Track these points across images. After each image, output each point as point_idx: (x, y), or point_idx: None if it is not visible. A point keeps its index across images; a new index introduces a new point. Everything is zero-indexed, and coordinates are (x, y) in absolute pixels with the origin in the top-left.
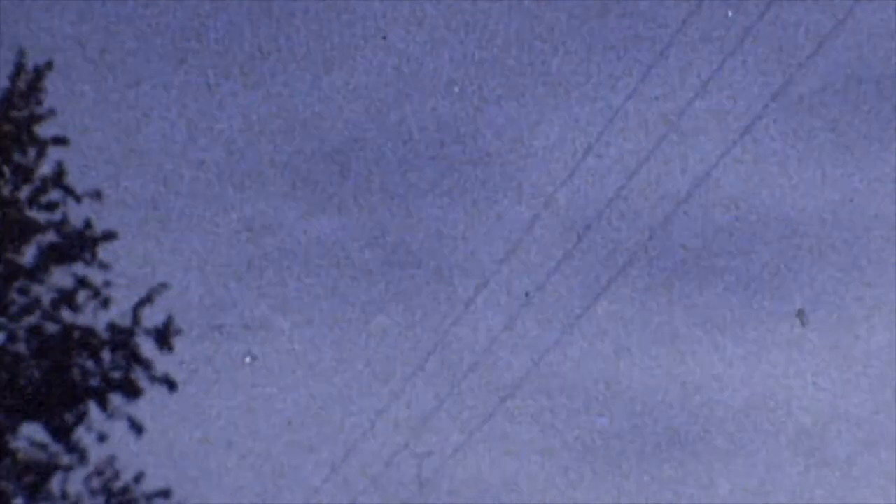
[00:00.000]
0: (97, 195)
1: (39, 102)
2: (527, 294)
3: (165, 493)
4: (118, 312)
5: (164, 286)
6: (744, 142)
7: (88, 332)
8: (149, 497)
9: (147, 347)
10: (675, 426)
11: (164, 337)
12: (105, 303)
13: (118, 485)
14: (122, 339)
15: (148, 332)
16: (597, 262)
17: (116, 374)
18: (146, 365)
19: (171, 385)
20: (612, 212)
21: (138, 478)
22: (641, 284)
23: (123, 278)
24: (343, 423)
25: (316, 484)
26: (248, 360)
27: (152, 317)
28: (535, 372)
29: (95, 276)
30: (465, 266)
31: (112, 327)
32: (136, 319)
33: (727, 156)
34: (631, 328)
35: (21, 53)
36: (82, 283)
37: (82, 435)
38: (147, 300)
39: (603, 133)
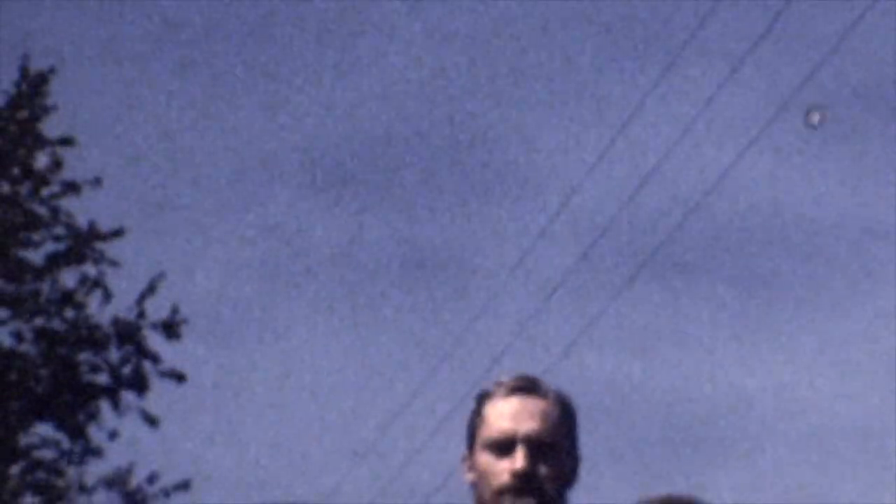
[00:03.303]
0: (97, 181)
1: (43, 106)
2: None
3: (185, 485)
4: (125, 309)
5: (163, 276)
6: (761, 144)
7: (94, 328)
8: (167, 491)
9: (155, 342)
10: (691, 426)
11: (170, 327)
12: (107, 296)
13: (133, 482)
14: (128, 332)
15: (155, 325)
16: (613, 264)
17: (125, 370)
18: (154, 358)
19: (179, 378)
20: (629, 213)
21: (151, 478)
22: (657, 286)
23: (134, 278)
24: (359, 423)
25: (332, 484)
26: None
27: (161, 312)
28: (551, 373)
29: (105, 275)
30: (484, 267)
31: (117, 321)
32: (140, 312)
33: (744, 158)
34: (647, 330)
35: (25, 57)
36: (91, 282)
37: (95, 433)
38: (149, 291)
39: (619, 135)
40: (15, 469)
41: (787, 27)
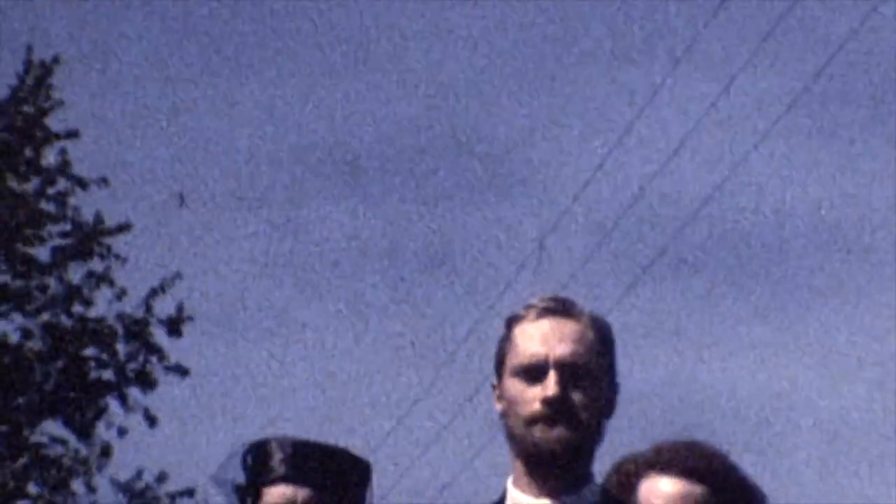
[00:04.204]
0: (104, 181)
1: (49, 97)
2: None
3: (190, 493)
4: (135, 304)
5: (178, 275)
6: (769, 141)
7: (101, 324)
8: (172, 496)
9: (161, 339)
10: (692, 426)
11: (174, 323)
12: (120, 296)
13: (140, 485)
14: (135, 329)
15: (162, 322)
16: (618, 264)
17: (132, 367)
18: (160, 355)
19: (183, 372)
20: (633, 213)
21: (161, 477)
22: (662, 286)
23: (144, 272)
24: (363, 424)
25: None
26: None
27: (171, 308)
28: None
29: (113, 271)
30: (491, 266)
31: (124, 317)
32: (148, 309)
33: (751, 156)
34: (651, 329)
35: (28, 49)
36: (97, 277)
37: (102, 430)
38: (160, 289)
39: (625, 135)
40: (20, 462)
41: (792, 27)
